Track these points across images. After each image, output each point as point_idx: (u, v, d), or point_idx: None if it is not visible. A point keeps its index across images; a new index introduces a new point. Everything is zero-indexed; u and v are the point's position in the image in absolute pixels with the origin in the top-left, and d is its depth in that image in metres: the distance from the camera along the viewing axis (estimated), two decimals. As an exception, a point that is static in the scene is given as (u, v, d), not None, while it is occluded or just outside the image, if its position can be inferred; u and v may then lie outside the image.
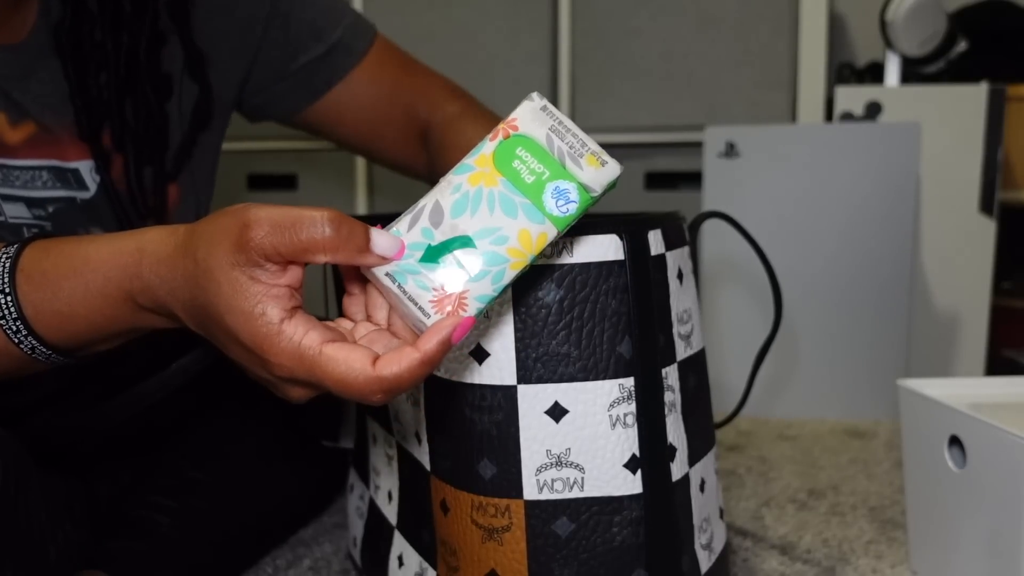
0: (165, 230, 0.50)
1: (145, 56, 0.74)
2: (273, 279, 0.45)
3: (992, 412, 0.73)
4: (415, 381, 0.44)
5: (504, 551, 0.58)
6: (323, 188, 1.78)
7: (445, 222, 0.47)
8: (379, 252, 0.46)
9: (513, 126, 0.48)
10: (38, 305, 0.52)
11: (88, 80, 0.71)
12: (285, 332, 0.44)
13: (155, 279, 0.49)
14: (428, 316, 0.45)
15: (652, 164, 1.65)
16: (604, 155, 0.48)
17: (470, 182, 0.47)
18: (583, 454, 0.57)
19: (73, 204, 0.71)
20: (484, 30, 1.64)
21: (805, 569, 0.84)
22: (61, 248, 0.53)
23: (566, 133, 0.48)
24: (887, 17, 1.43)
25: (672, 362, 0.60)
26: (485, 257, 0.46)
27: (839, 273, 1.37)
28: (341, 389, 0.44)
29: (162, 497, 0.78)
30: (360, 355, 0.44)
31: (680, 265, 0.63)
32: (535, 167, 0.47)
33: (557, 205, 0.47)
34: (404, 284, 0.46)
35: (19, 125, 0.68)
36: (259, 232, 0.44)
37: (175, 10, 0.76)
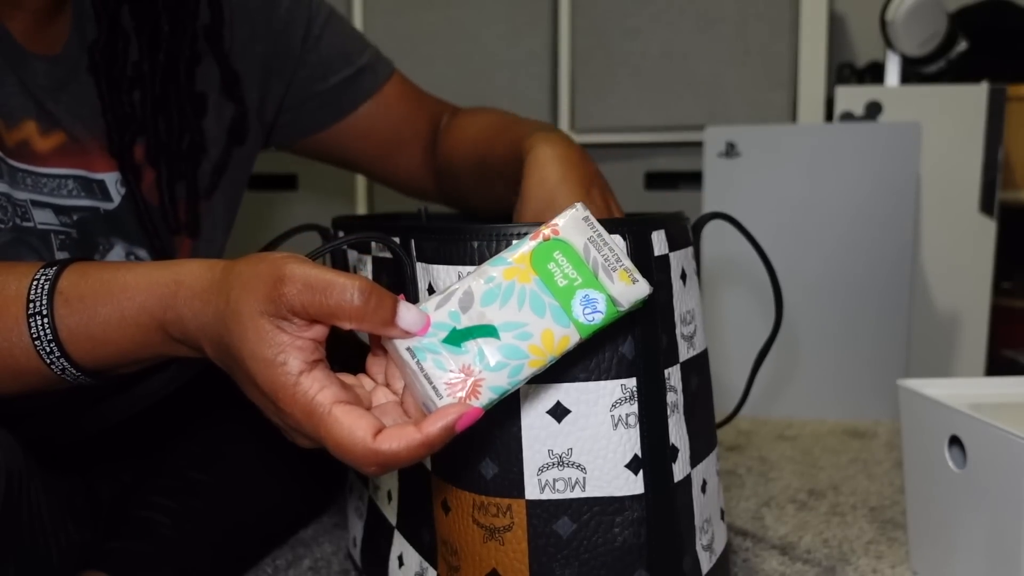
0: (203, 264, 0.51)
1: (183, 75, 0.76)
2: (298, 332, 0.46)
3: (992, 412, 0.73)
4: (412, 460, 0.45)
5: (505, 551, 0.58)
6: (323, 188, 1.78)
7: (473, 309, 0.48)
8: (404, 326, 0.47)
9: (555, 230, 0.50)
10: (73, 328, 0.53)
11: (121, 97, 0.72)
12: (301, 385, 0.45)
13: (188, 312, 0.50)
14: (440, 397, 0.46)
15: (652, 164, 1.65)
16: (636, 273, 0.50)
17: (504, 275, 0.49)
18: (585, 454, 0.57)
19: (97, 214, 0.72)
20: (484, 30, 1.64)
21: (805, 569, 0.84)
22: (100, 274, 0.54)
23: (603, 246, 0.50)
24: (887, 17, 1.43)
25: (675, 363, 0.60)
26: (507, 350, 0.47)
27: (839, 273, 1.37)
28: (339, 453, 0.45)
29: (163, 498, 0.78)
30: (365, 424, 0.45)
31: (684, 266, 0.63)
32: (569, 272, 0.49)
33: (584, 312, 0.48)
34: (423, 361, 0.47)
35: (49, 134, 0.69)
36: (292, 288, 0.45)
37: (211, 32, 0.78)
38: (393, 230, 0.62)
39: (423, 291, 0.60)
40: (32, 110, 0.68)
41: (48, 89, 0.69)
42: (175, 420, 0.87)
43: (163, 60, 0.75)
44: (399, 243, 0.61)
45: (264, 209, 1.78)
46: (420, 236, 0.60)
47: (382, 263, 0.66)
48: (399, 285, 0.62)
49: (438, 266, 0.58)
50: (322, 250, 0.58)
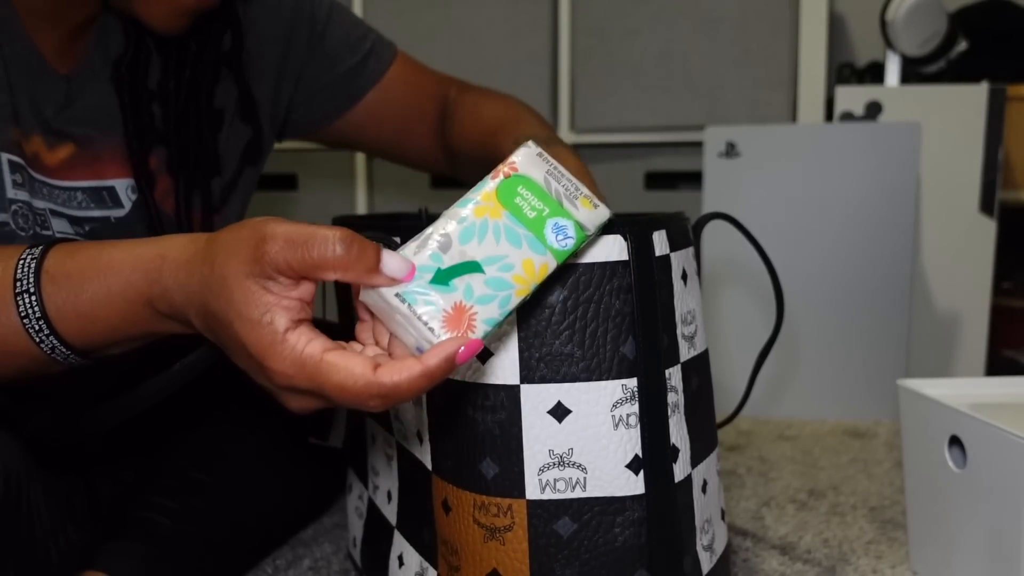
0: (187, 238, 0.52)
1: (206, 95, 0.78)
2: (284, 291, 0.46)
3: (992, 412, 0.73)
4: (413, 393, 0.45)
5: (506, 551, 0.58)
6: (323, 188, 1.78)
7: (454, 248, 0.49)
8: (389, 273, 0.47)
9: (513, 167, 0.51)
10: (60, 306, 0.53)
11: (141, 107, 0.75)
12: (289, 340, 0.46)
13: (174, 284, 0.50)
14: (437, 335, 0.47)
15: (652, 164, 1.65)
16: (595, 199, 0.52)
17: (475, 214, 0.50)
18: (586, 454, 0.57)
19: (107, 223, 0.74)
20: (484, 30, 1.64)
21: (805, 569, 0.84)
22: (86, 251, 0.54)
23: (561, 177, 0.52)
24: (887, 17, 1.43)
25: (675, 363, 0.60)
26: (493, 282, 0.49)
27: (839, 273, 1.37)
28: (340, 394, 0.45)
29: (163, 498, 0.78)
30: (361, 361, 0.45)
31: (684, 266, 0.63)
32: (536, 204, 0.51)
33: (557, 239, 0.51)
34: (414, 304, 0.47)
35: (56, 148, 0.71)
36: (274, 246, 0.45)
37: (232, 57, 0.81)
38: (394, 230, 0.62)
39: None
40: (37, 126, 0.70)
41: (59, 106, 0.71)
42: (175, 420, 0.87)
43: (188, 78, 0.77)
44: (399, 243, 0.60)
45: (264, 209, 1.78)
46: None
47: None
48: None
49: None
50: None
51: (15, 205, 0.67)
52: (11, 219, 0.67)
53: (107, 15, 0.74)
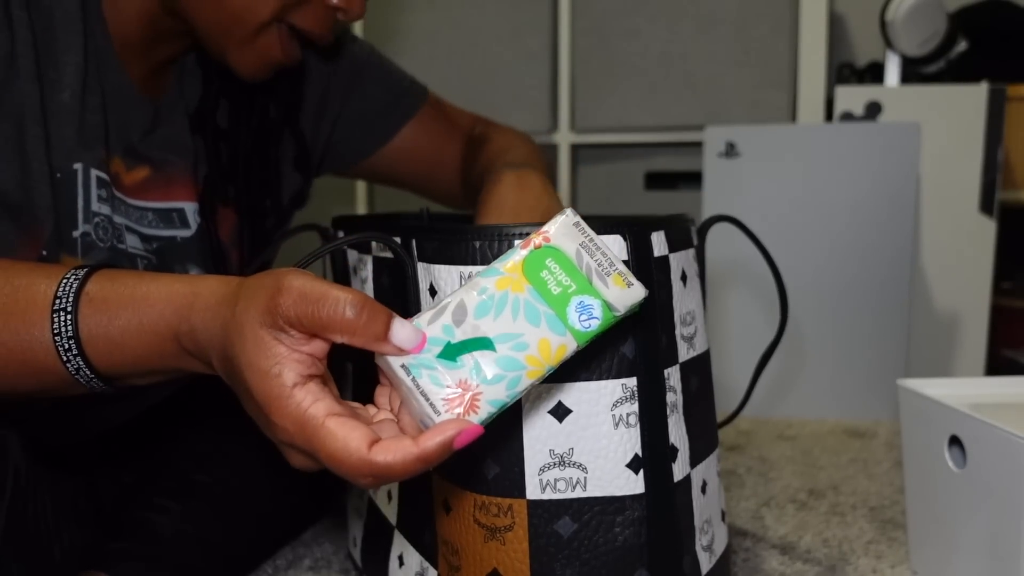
0: (221, 280, 0.52)
1: (273, 143, 0.86)
2: (296, 345, 0.46)
3: (992, 412, 0.73)
4: (407, 474, 0.44)
5: (506, 551, 0.58)
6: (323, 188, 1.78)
7: (467, 322, 0.47)
8: (397, 343, 0.46)
9: (545, 237, 0.49)
10: (93, 329, 0.54)
11: (212, 143, 0.81)
12: (295, 396, 0.45)
13: (200, 324, 0.51)
14: (438, 413, 0.45)
15: (652, 164, 1.65)
16: (630, 277, 0.49)
17: (497, 286, 0.48)
18: (586, 454, 0.57)
19: (173, 243, 0.78)
20: (484, 30, 1.64)
21: (805, 569, 0.84)
22: (125, 280, 0.55)
23: (595, 251, 0.49)
24: (887, 17, 1.44)
25: (674, 363, 0.60)
26: (503, 362, 0.46)
27: (839, 273, 1.37)
28: (333, 465, 0.45)
29: (164, 499, 0.78)
30: (359, 435, 0.44)
31: (684, 267, 0.63)
32: (562, 280, 0.48)
33: (580, 319, 0.47)
34: (419, 378, 0.46)
35: (134, 169, 0.75)
36: (288, 299, 0.45)
37: (289, 108, 0.87)
38: (394, 230, 0.62)
39: (424, 291, 0.60)
40: (120, 149, 0.74)
41: (144, 131, 0.76)
42: (177, 421, 0.87)
43: (255, 126, 0.84)
44: (400, 243, 0.61)
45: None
46: (421, 236, 0.60)
47: (383, 263, 0.66)
48: (400, 285, 0.62)
49: (439, 266, 0.58)
50: (322, 250, 0.58)
51: (98, 218, 0.70)
52: (93, 230, 0.70)
53: (186, 56, 0.80)
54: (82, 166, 0.68)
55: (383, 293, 0.66)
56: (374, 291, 0.68)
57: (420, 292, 0.60)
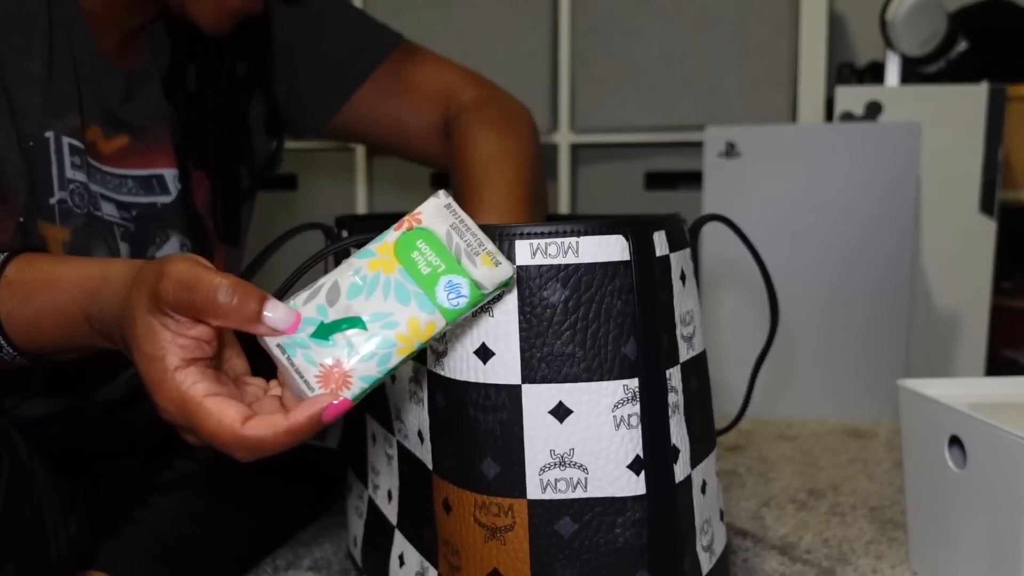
0: (128, 263, 0.54)
1: (243, 105, 0.85)
2: (180, 329, 0.48)
3: (992, 412, 0.73)
4: (279, 447, 0.46)
5: (506, 551, 0.58)
6: (323, 188, 1.78)
7: (340, 302, 0.49)
8: (271, 324, 0.48)
9: (417, 219, 0.51)
10: (12, 312, 0.57)
11: (189, 109, 0.81)
12: (176, 379, 0.47)
13: (106, 307, 0.53)
14: (312, 390, 0.47)
15: (652, 164, 1.65)
16: (499, 256, 0.51)
17: (370, 267, 0.50)
18: (587, 454, 0.57)
19: (154, 209, 0.79)
20: (484, 30, 1.64)
21: (805, 569, 0.84)
22: (41, 264, 0.58)
23: (466, 232, 0.51)
24: (887, 17, 1.44)
25: (675, 363, 0.60)
26: (375, 340, 0.48)
27: (839, 273, 1.37)
28: (210, 440, 0.47)
29: (163, 497, 0.78)
30: (233, 412, 0.46)
31: (682, 266, 0.63)
32: (432, 260, 0.50)
33: (448, 298, 0.49)
34: (293, 356, 0.48)
35: (112, 138, 0.76)
36: (168, 284, 0.47)
37: (259, 68, 0.86)
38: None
39: None
40: (99, 117, 0.75)
41: (121, 99, 0.77)
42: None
43: (223, 87, 0.83)
44: None
45: (264, 209, 1.78)
46: None
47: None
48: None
49: None
50: (327, 251, 0.58)
51: (73, 184, 0.71)
52: (69, 196, 0.71)
53: (156, 23, 0.81)
54: (54, 134, 0.70)
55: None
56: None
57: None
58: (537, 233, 0.56)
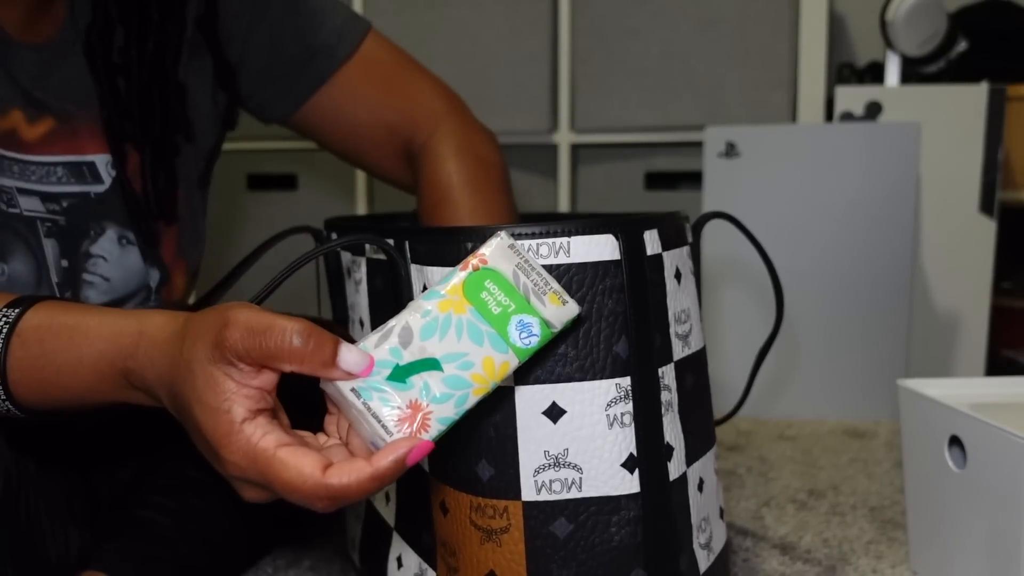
0: (167, 315, 0.52)
1: (170, 65, 0.76)
2: (245, 379, 0.46)
3: (992, 412, 0.73)
4: (363, 495, 0.45)
5: (503, 552, 0.58)
6: (323, 188, 1.78)
7: (414, 343, 0.48)
8: (345, 368, 0.47)
9: (483, 260, 0.51)
10: (26, 370, 0.54)
11: (113, 80, 0.73)
12: (244, 431, 0.45)
13: (147, 362, 0.50)
14: (390, 434, 0.46)
15: (652, 164, 1.65)
16: (565, 295, 0.51)
17: (440, 308, 0.49)
18: (581, 454, 0.57)
19: (87, 199, 0.73)
20: (484, 30, 1.63)
21: (805, 569, 0.84)
22: (64, 318, 0.54)
23: (531, 271, 0.51)
24: (887, 17, 1.43)
25: (669, 362, 0.60)
26: (451, 381, 0.48)
27: (839, 273, 1.37)
28: (289, 493, 0.45)
29: (162, 497, 0.78)
30: (311, 461, 0.45)
31: (678, 265, 0.63)
32: (502, 300, 0.50)
33: (520, 337, 0.50)
34: (369, 400, 0.47)
35: (37, 122, 0.70)
36: (235, 333, 0.45)
37: (204, 22, 0.79)
38: (387, 232, 0.62)
39: (417, 293, 0.59)
40: (19, 99, 0.69)
41: (35, 77, 0.70)
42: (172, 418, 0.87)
43: (151, 48, 0.75)
44: (393, 245, 0.60)
45: (264, 209, 1.78)
46: (414, 238, 0.59)
47: (376, 265, 0.66)
48: (393, 287, 0.62)
49: (432, 268, 0.58)
50: (314, 252, 0.58)
51: None
52: None
53: None
54: None
55: (377, 295, 0.66)
56: (368, 293, 0.67)
57: (414, 294, 0.60)
58: (528, 233, 0.56)
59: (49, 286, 0.70)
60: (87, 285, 0.73)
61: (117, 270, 0.75)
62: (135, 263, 0.76)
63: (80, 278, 0.73)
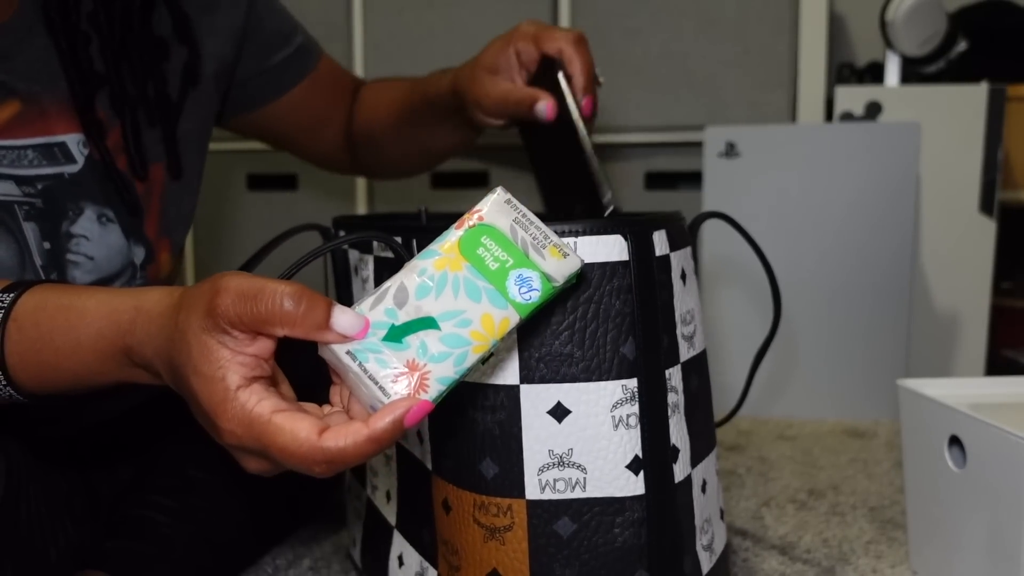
0: (163, 291, 0.51)
1: (138, 22, 0.75)
2: (239, 347, 0.46)
3: (992, 412, 0.73)
4: (360, 458, 0.44)
5: (506, 551, 0.58)
6: (323, 188, 1.78)
7: (410, 303, 0.47)
8: (339, 330, 0.46)
9: (479, 216, 0.50)
10: (24, 354, 0.54)
11: (79, 52, 0.72)
12: (239, 398, 0.45)
13: (145, 337, 0.50)
14: (388, 395, 0.46)
15: (652, 164, 1.65)
16: (566, 247, 0.50)
17: (435, 266, 0.48)
18: (585, 454, 0.57)
19: (61, 180, 0.72)
20: (484, 30, 1.63)
21: (805, 569, 0.84)
22: (59, 300, 0.54)
23: (529, 225, 0.50)
24: (887, 17, 1.43)
25: (675, 363, 0.60)
26: (449, 339, 0.47)
27: (839, 273, 1.37)
28: (285, 458, 0.44)
29: (162, 496, 0.78)
30: (307, 425, 0.44)
31: (683, 266, 0.63)
32: (499, 255, 0.49)
33: (520, 292, 0.48)
34: (365, 362, 0.46)
35: (3, 105, 0.69)
36: (226, 299, 0.45)
37: None
38: (396, 229, 0.62)
39: None
40: None
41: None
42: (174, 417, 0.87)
43: (119, 10, 0.74)
44: (400, 242, 0.60)
45: (264, 209, 1.78)
46: (423, 235, 0.60)
47: (384, 263, 0.66)
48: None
49: None
50: (323, 249, 0.58)
51: None
52: None
53: None
54: None
55: (383, 293, 0.66)
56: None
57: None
58: None
59: (34, 269, 0.70)
60: (72, 265, 0.72)
61: (100, 248, 0.74)
62: (117, 240, 0.75)
63: (64, 259, 0.72)
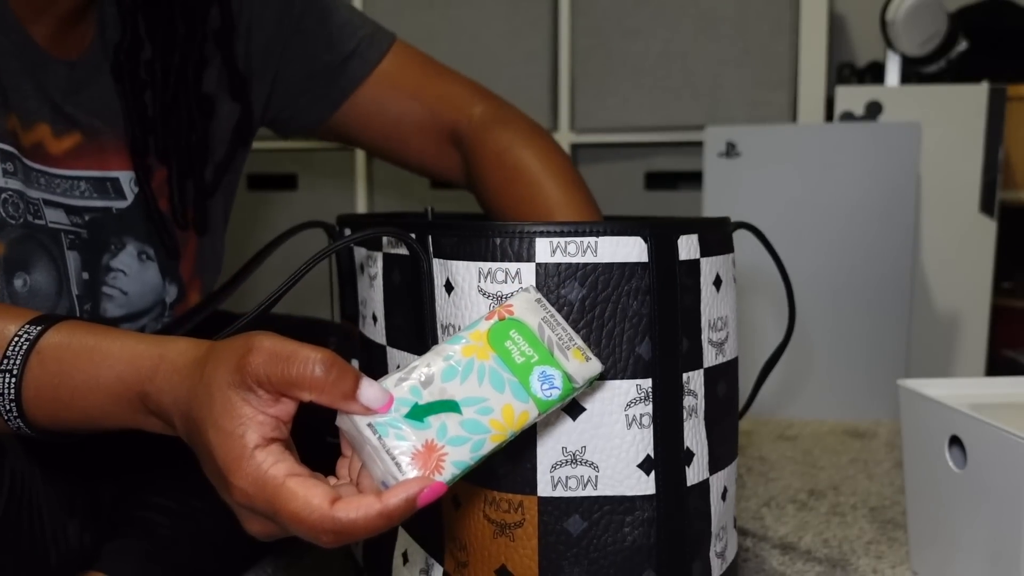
0: (190, 342, 0.51)
1: (192, 77, 0.77)
2: (262, 406, 0.46)
3: (992, 412, 0.73)
4: (369, 532, 0.44)
5: (515, 547, 0.58)
6: (323, 188, 1.78)
7: (435, 385, 0.48)
8: (365, 402, 0.46)
9: (509, 310, 0.51)
10: (41, 389, 0.53)
11: (138, 96, 0.74)
12: (256, 457, 0.45)
13: (166, 385, 0.50)
14: (403, 472, 0.46)
15: (652, 164, 1.65)
16: (588, 352, 0.52)
17: (463, 353, 0.49)
18: (598, 452, 0.57)
19: (109, 214, 0.74)
20: (484, 30, 1.64)
21: (805, 569, 0.84)
22: (84, 340, 0.53)
23: (556, 326, 0.52)
24: (887, 17, 1.44)
25: (698, 367, 0.60)
26: (469, 424, 0.48)
27: (839, 273, 1.38)
28: (294, 524, 0.44)
29: (163, 498, 0.78)
30: (320, 492, 0.44)
31: (719, 272, 0.62)
32: (526, 350, 0.50)
33: (542, 388, 0.50)
34: (384, 436, 0.47)
35: (63, 136, 0.71)
36: (257, 358, 0.45)
37: (220, 36, 0.79)
38: (409, 226, 0.62)
39: (440, 287, 0.60)
40: (47, 114, 0.70)
41: (66, 92, 0.71)
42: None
43: (176, 62, 0.76)
44: (415, 239, 0.60)
45: (264, 209, 1.78)
46: (438, 232, 0.59)
47: (393, 259, 0.66)
48: (413, 282, 0.62)
49: (457, 262, 0.58)
50: (337, 245, 0.58)
51: (5, 193, 0.66)
52: (1, 207, 0.66)
53: (104, 4, 0.74)
54: None
55: (393, 290, 0.66)
56: (383, 288, 0.68)
57: (436, 288, 0.60)
58: (557, 232, 0.56)
59: (69, 298, 0.71)
60: (106, 298, 0.74)
61: (135, 284, 0.75)
62: (153, 278, 0.77)
63: (100, 291, 0.73)
